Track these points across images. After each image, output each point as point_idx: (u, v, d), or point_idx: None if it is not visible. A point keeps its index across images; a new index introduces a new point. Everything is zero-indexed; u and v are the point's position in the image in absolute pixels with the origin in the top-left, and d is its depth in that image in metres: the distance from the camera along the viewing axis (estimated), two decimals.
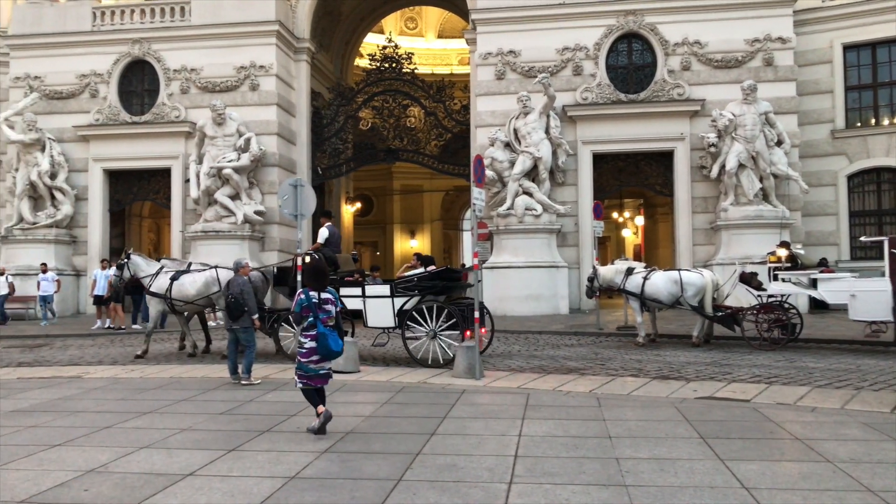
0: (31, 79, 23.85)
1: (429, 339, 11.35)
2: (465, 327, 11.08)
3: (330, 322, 6.89)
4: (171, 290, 12.76)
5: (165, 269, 13.27)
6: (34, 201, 23.12)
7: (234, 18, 23.24)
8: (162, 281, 12.96)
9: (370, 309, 11.65)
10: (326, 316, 6.87)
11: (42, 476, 5.35)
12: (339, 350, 6.91)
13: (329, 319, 6.89)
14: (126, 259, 13.44)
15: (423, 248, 43.84)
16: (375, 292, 11.70)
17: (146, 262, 13.53)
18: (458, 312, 11.28)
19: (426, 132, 24.90)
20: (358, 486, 5.10)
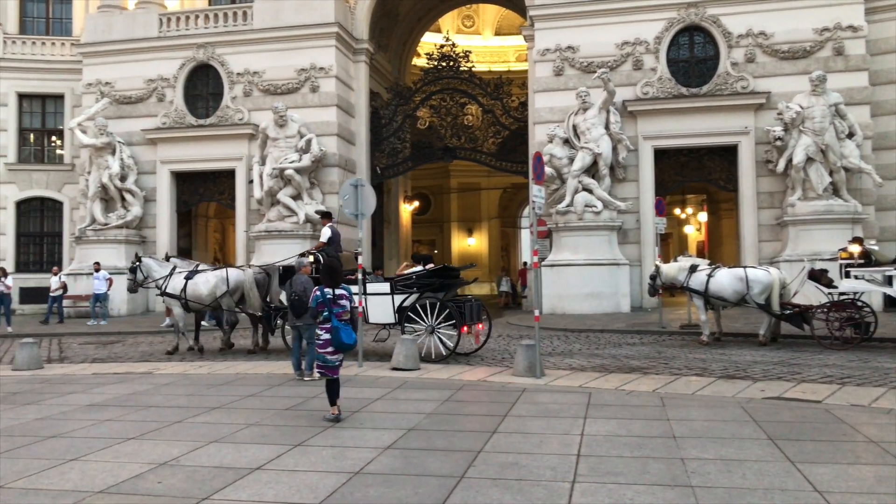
0: (102, 85, 24.71)
1: (427, 335, 11.65)
2: (461, 323, 11.45)
3: (345, 316, 7.34)
4: (185, 290, 13.19)
5: (178, 269, 13.64)
6: (106, 203, 23.95)
7: (294, 21, 23.63)
8: (176, 281, 13.35)
9: (371, 306, 12.01)
10: (341, 310, 7.30)
11: (118, 468, 5.56)
12: (352, 342, 7.31)
13: (343, 314, 7.33)
14: (138, 262, 13.82)
15: (481, 245, 43.90)
16: (376, 290, 12.04)
17: (158, 264, 13.89)
18: (455, 308, 11.57)
19: (484, 130, 24.88)
20: (421, 483, 5.14)
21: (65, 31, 26.86)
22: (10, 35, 26.23)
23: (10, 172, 25.87)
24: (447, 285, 12.42)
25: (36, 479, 5.31)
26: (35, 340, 12.21)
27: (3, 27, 26.11)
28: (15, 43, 26.23)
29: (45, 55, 26.39)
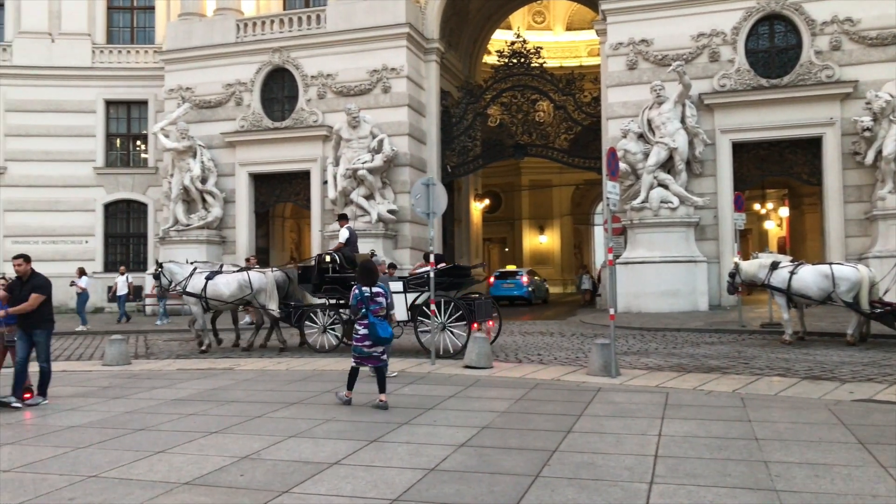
0: (182, 90, 25.61)
1: (439, 331, 11.93)
2: (472, 320, 11.77)
3: (381, 312, 7.86)
4: (205, 290, 13.61)
5: (199, 270, 14.10)
6: (187, 204, 24.81)
7: (366, 23, 23.94)
8: (197, 281, 13.76)
9: None
10: (378, 307, 7.84)
11: (203, 460, 5.75)
12: (388, 336, 7.79)
13: (380, 310, 7.87)
14: (160, 268, 14.30)
15: (553, 243, 43.55)
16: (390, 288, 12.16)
17: (179, 267, 14.35)
18: (465, 306, 11.92)
19: (555, 126, 24.68)
20: (496, 481, 5.14)
21: (148, 40, 27.95)
22: (99, 45, 27.44)
23: (98, 176, 27.09)
24: (458, 284, 12.79)
25: (127, 469, 5.54)
26: (123, 337, 12.75)
27: (91, 38, 27.34)
28: (103, 52, 27.44)
29: (130, 63, 27.51)
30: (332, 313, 13.25)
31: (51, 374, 8.62)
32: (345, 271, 13.29)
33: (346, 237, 13.83)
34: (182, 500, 4.80)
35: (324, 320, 13.29)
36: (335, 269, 13.36)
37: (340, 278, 13.15)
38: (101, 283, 24.90)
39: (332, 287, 13.27)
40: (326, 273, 13.35)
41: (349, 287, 12.23)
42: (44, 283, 8.45)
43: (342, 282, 13.02)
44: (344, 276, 13.16)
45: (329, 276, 13.33)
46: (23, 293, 8.32)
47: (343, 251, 13.59)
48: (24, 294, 8.30)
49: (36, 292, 8.28)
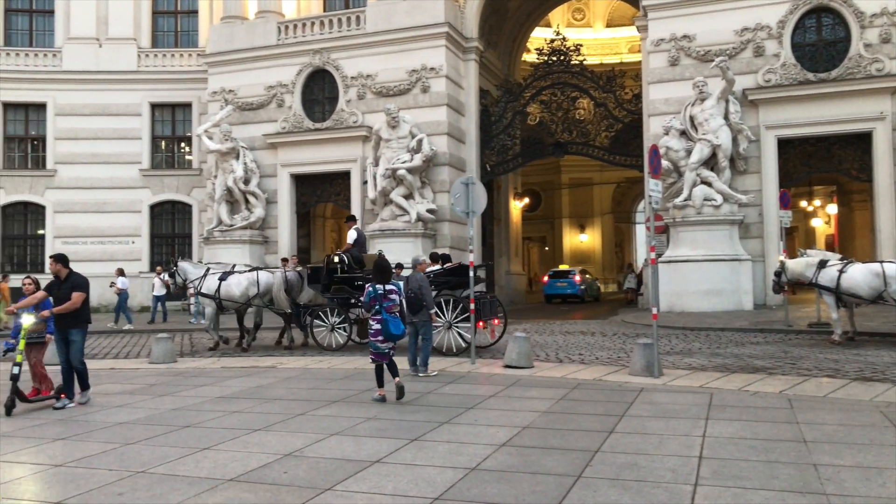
0: (225, 92, 25.99)
1: (445, 330, 12.29)
2: (477, 318, 11.75)
3: (394, 309, 8.22)
4: (219, 291, 13.87)
5: (212, 270, 14.36)
6: (231, 205, 25.18)
7: (405, 24, 24.02)
8: (211, 282, 14.03)
9: None
10: (391, 304, 8.20)
11: (247, 457, 5.83)
12: (399, 333, 8.14)
13: (393, 307, 8.21)
14: (175, 267, 14.52)
15: (594, 241, 43.20)
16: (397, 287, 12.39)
17: (193, 267, 14.65)
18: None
19: (596, 124, 24.46)
20: (538, 481, 5.12)
21: (191, 43, 28.43)
22: (144, 49, 28.01)
23: (144, 178, 27.65)
24: (463, 283, 12.75)
25: (174, 465, 5.65)
26: (169, 336, 13.00)
27: (137, 42, 27.93)
28: (148, 56, 28.00)
29: (174, 66, 28.01)
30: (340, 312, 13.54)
31: (87, 374, 8.63)
32: (353, 271, 13.63)
33: (354, 238, 14.25)
34: (227, 497, 4.87)
35: (332, 319, 13.57)
36: (343, 270, 13.68)
37: (349, 278, 13.52)
38: (147, 282, 25.41)
39: (340, 287, 13.59)
40: (335, 273, 13.66)
41: (357, 287, 12.97)
42: (83, 281, 8.53)
43: (350, 282, 13.45)
44: (352, 276, 13.53)
45: (337, 276, 13.66)
46: (62, 293, 8.36)
47: (351, 252, 13.96)
48: (64, 293, 8.34)
49: (75, 291, 8.32)
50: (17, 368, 7.99)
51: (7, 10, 28.04)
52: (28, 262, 27.09)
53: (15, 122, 27.78)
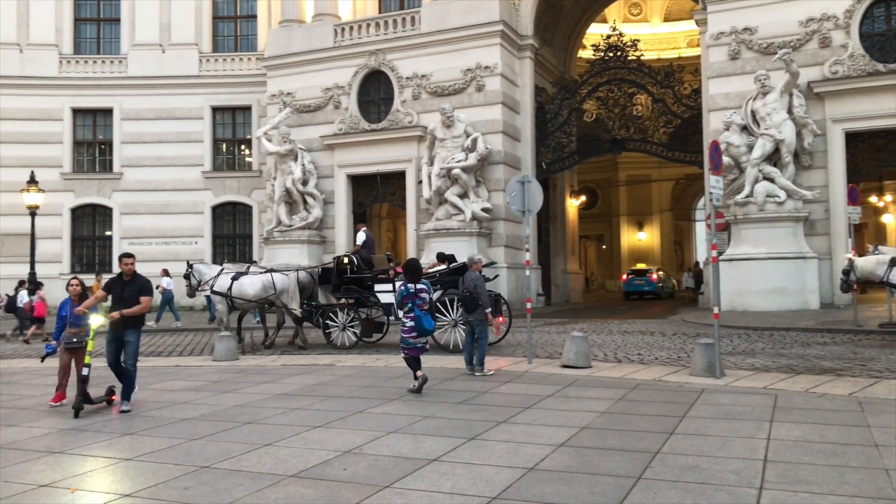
0: (284, 95, 26.46)
1: (450, 328, 12.74)
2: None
3: (425, 307, 8.69)
4: (231, 290, 14.15)
5: (226, 270, 14.74)
6: (289, 206, 25.63)
7: (459, 23, 24.05)
8: (223, 281, 14.29)
9: None
10: (421, 302, 8.69)
11: (307, 454, 5.93)
12: (431, 328, 8.73)
13: (424, 304, 8.69)
14: (190, 269, 14.86)
15: (652, 239, 42.56)
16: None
17: (207, 268, 14.95)
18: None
19: (654, 120, 24.08)
20: (597, 482, 5.06)
21: (251, 47, 29.03)
22: (205, 54, 28.72)
23: (206, 180, 28.35)
24: None
25: (237, 460, 5.78)
26: (231, 334, 13.30)
27: (198, 47, 28.65)
28: (209, 61, 28.71)
29: (234, 70, 28.67)
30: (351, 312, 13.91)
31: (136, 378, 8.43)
32: (362, 272, 14.05)
33: (363, 240, 14.89)
34: (288, 493, 4.96)
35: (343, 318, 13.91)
36: (353, 271, 14.11)
37: (358, 279, 13.95)
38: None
39: (350, 287, 14.01)
40: (345, 274, 14.07)
41: (366, 287, 13.50)
42: (150, 284, 8.52)
43: (359, 282, 13.91)
44: (361, 276, 13.95)
45: (347, 276, 14.07)
46: (126, 293, 8.20)
47: (360, 253, 14.50)
48: (130, 294, 8.20)
49: (143, 294, 8.25)
50: (86, 370, 7.91)
51: (77, 20, 29.08)
52: (97, 263, 28.04)
53: (84, 127, 28.81)
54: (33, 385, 10.03)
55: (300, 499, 4.83)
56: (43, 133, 27.93)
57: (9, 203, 26.07)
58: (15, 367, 12.36)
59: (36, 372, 11.37)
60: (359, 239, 15.06)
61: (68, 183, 28.01)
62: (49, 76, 28.10)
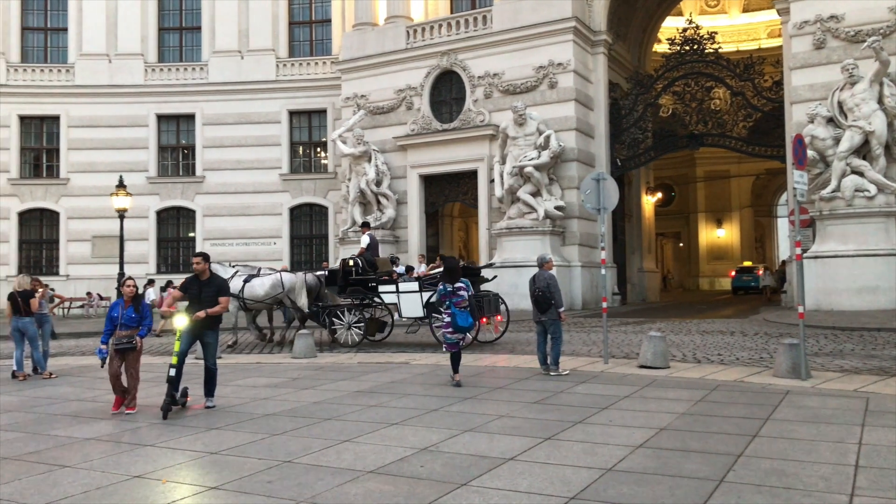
0: (357, 98, 26.87)
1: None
2: (481, 315, 12.93)
3: (462, 305, 9.22)
4: (243, 291, 14.77)
5: (239, 273, 15.27)
6: (364, 206, 26.02)
7: (531, 20, 23.92)
8: (236, 282, 14.75)
9: (403, 302, 14.00)
10: (459, 300, 9.23)
11: (385, 451, 6.02)
12: (467, 325, 9.23)
13: (462, 303, 9.23)
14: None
15: (731, 237, 41.44)
16: (407, 288, 13.94)
17: (223, 269, 15.13)
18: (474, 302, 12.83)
19: (733, 113, 23.41)
20: (677, 484, 4.97)
21: (326, 51, 29.60)
22: (282, 59, 29.45)
23: (283, 182, 29.07)
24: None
25: (318, 456, 5.92)
26: (310, 332, 13.60)
27: (275, 53, 29.38)
28: (286, 66, 29.42)
29: (310, 74, 29.29)
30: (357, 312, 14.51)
31: (217, 376, 8.43)
32: (366, 274, 14.69)
33: (367, 243, 15.49)
34: (368, 488, 5.05)
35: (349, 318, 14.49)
36: (357, 273, 14.76)
37: (363, 280, 14.59)
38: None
39: (355, 288, 14.64)
40: (350, 276, 14.75)
41: (370, 288, 14.21)
42: (227, 284, 8.58)
43: (364, 283, 14.56)
44: (366, 277, 14.62)
45: (353, 278, 14.72)
46: (205, 293, 8.09)
47: (365, 256, 15.11)
48: (207, 294, 8.08)
49: (222, 294, 8.18)
50: (173, 370, 7.74)
51: (160, 29, 30.25)
52: (181, 263, 29.10)
53: (168, 132, 29.94)
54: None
55: (379, 494, 4.91)
56: (130, 139, 29.18)
57: (99, 206, 27.33)
58: None
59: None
60: (363, 242, 15.73)
61: (154, 186, 29.17)
62: (135, 84, 29.33)
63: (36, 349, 11.53)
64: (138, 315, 8.19)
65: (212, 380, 8.32)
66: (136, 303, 8.27)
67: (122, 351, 8.10)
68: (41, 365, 11.50)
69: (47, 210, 29.16)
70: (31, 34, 30.04)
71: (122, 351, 8.10)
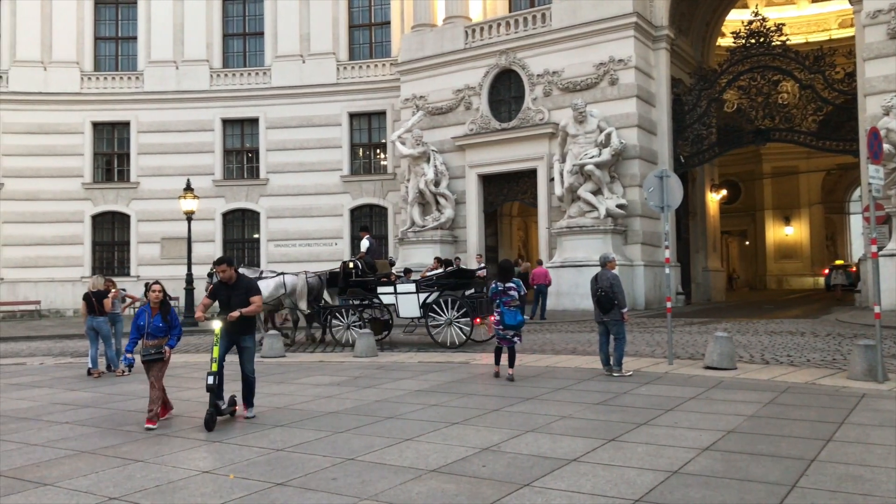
0: (416, 99, 27.02)
1: (446, 326, 13.93)
2: (474, 315, 13.65)
3: (513, 303, 9.64)
4: None
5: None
6: (423, 207, 26.14)
7: (591, 17, 23.63)
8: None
9: (401, 303, 14.57)
10: (509, 299, 9.64)
11: (447, 450, 6.03)
12: (514, 323, 9.55)
13: (512, 301, 9.63)
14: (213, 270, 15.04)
15: (801, 234, 40.25)
16: (405, 289, 14.54)
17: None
18: (468, 303, 13.90)
19: (801, 107, 22.71)
20: (746, 488, 4.83)
21: (384, 53, 29.85)
22: (342, 62, 29.81)
23: (344, 184, 29.43)
24: (462, 284, 14.64)
25: (380, 454, 5.97)
26: (368, 331, 13.71)
27: (335, 56, 29.78)
28: (346, 69, 29.78)
29: (369, 77, 29.57)
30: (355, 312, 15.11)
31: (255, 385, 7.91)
32: (366, 276, 15.32)
33: (367, 246, 16.17)
34: (430, 487, 5.06)
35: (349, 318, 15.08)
36: (357, 275, 15.42)
37: (362, 282, 15.24)
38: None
39: (355, 290, 15.29)
40: (350, 278, 15.40)
41: (370, 289, 15.12)
42: (255, 284, 8.20)
43: (364, 285, 15.21)
44: (365, 280, 15.24)
45: (353, 280, 15.38)
46: (234, 297, 7.63)
47: (365, 259, 15.77)
48: (238, 298, 7.61)
49: (252, 294, 7.72)
50: (212, 378, 7.22)
51: (224, 36, 30.98)
52: (246, 264, 29.72)
53: (232, 136, 30.65)
54: (192, 378, 10.80)
55: (441, 493, 4.91)
56: (197, 143, 29.97)
57: (168, 209, 28.16)
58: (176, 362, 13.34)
59: (195, 366, 12.23)
60: (363, 246, 16.31)
61: (220, 189, 29.89)
62: (201, 89, 30.10)
63: (109, 347, 11.95)
64: (166, 324, 7.62)
65: (250, 388, 7.77)
66: (165, 310, 7.67)
67: (149, 362, 7.54)
68: (114, 363, 11.91)
69: (119, 213, 30.19)
70: (104, 43, 31.13)
71: (149, 362, 7.54)
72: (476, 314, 13.77)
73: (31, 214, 29.47)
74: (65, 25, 30.20)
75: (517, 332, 9.67)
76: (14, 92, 29.55)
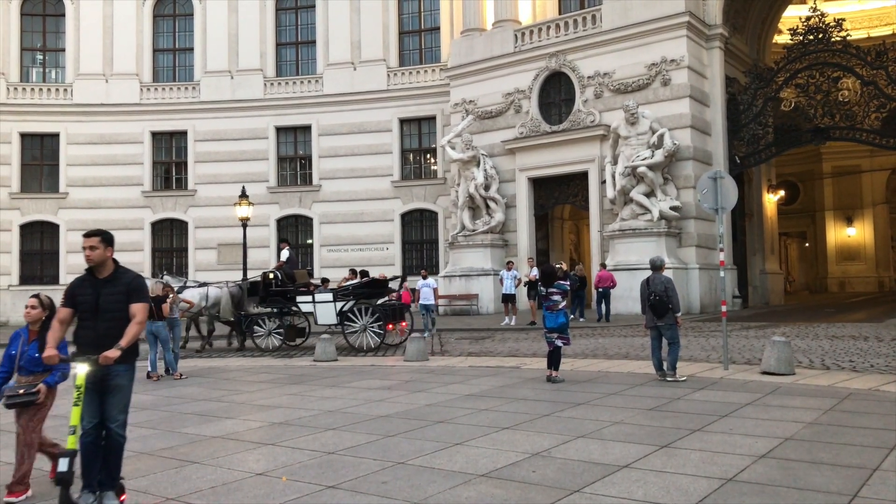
0: (466, 103, 27.05)
1: (361, 332, 14.88)
2: (387, 322, 14.90)
3: (556, 307, 9.85)
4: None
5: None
6: (473, 211, 26.16)
7: (642, 17, 23.33)
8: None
9: (319, 311, 15.35)
10: (552, 303, 9.91)
11: (496, 455, 6.01)
12: (554, 326, 9.85)
13: (554, 306, 9.87)
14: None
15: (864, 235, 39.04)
16: (323, 298, 15.36)
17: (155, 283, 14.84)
18: (381, 310, 14.89)
19: (863, 105, 22.02)
20: (804, 498, 4.71)
21: (434, 59, 29.98)
22: (392, 68, 30.06)
23: (395, 189, 29.63)
24: (375, 294, 15.64)
25: (430, 458, 5.99)
26: (422, 335, 13.79)
27: (386, 63, 30.04)
28: (396, 75, 30.01)
29: (419, 82, 29.73)
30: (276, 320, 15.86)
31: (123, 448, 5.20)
32: (285, 286, 15.94)
33: (287, 257, 16.93)
34: (479, 492, 5.06)
35: (269, 325, 15.86)
36: (277, 284, 15.99)
37: (282, 291, 15.85)
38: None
39: (275, 299, 15.86)
40: (270, 287, 15.96)
41: (289, 298, 15.76)
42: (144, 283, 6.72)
43: (283, 294, 15.81)
44: (285, 289, 15.85)
45: (272, 289, 15.92)
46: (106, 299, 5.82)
47: (284, 269, 16.40)
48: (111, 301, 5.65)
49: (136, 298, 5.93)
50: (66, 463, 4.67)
51: (278, 45, 31.55)
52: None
53: (286, 143, 31.16)
54: (248, 381, 11.00)
55: (491, 498, 4.91)
56: (251, 151, 30.56)
57: (224, 216, 28.75)
58: (232, 366, 13.63)
59: (250, 370, 12.47)
60: (282, 256, 17.05)
61: (274, 196, 30.41)
62: (256, 98, 30.71)
63: (168, 351, 12.27)
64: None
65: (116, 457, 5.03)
66: (43, 336, 5.18)
67: (13, 406, 5.16)
68: (172, 366, 12.22)
69: (177, 220, 30.97)
70: (162, 55, 32.00)
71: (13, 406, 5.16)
72: (388, 321, 14.95)
73: (94, 223, 30.30)
74: (125, 39, 31.16)
75: (562, 335, 9.90)
76: (78, 104, 30.59)
